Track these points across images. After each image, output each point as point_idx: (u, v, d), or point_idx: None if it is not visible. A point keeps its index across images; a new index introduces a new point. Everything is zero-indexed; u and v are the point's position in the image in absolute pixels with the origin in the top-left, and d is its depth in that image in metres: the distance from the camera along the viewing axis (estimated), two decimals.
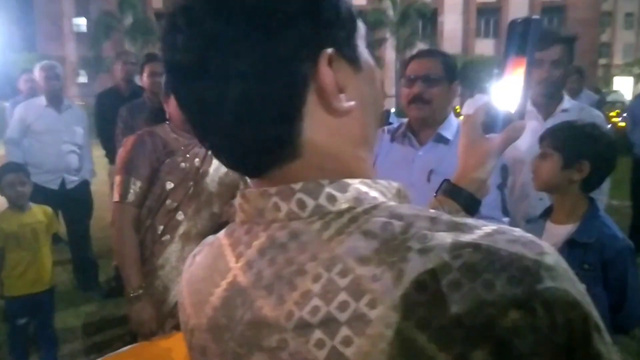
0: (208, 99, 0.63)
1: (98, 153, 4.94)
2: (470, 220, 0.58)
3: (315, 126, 0.65)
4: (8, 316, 3.30)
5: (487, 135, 0.98)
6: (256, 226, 0.67)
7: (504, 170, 2.31)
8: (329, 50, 0.64)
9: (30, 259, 3.25)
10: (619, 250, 1.92)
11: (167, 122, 2.44)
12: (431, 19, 30.53)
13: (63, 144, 4.60)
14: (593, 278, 1.91)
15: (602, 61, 47.39)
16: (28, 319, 3.30)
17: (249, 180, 0.72)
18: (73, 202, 4.64)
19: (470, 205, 1.02)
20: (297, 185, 0.64)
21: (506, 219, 2.24)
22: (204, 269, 0.74)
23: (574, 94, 6.04)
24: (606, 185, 2.50)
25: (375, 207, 0.64)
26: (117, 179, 2.34)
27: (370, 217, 0.62)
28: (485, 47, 32.10)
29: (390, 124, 2.84)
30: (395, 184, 0.74)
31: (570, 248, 1.95)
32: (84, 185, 4.82)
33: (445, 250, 0.53)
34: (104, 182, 5.32)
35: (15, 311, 3.26)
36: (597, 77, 36.92)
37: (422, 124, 2.31)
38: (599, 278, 1.92)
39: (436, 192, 1.05)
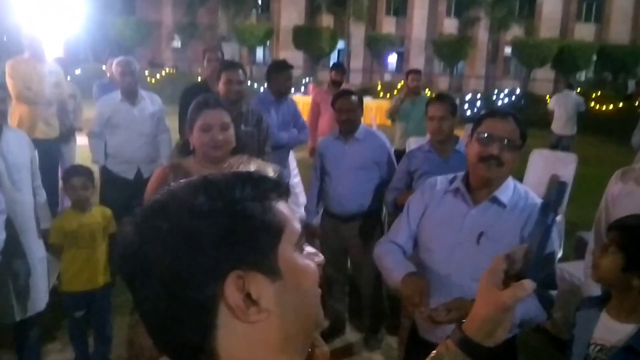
0: (141, 306, 0.75)
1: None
2: None
3: (230, 335, 0.71)
4: (66, 309, 3.52)
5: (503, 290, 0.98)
6: None
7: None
8: (236, 272, 0.70)
9: (86, 258, 3.43)
10: None
11: (193, 156, 2.51)
12: None
13: (138, 136, 4.82)
14: None
15: None
16: (85, 311, 3.51)
17: None
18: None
19: (477, 354, 1.01)
20: None
21: (554, 292, 2.14)
22: None
23: None
24: None
25: None
26: None
27: None
28: (585, 31, 30.44)
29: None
30: None
31: (626, 352, 1.84)
32: None
33: None
34: None
35: (72, 305, 3.48)
36: None
37: (482, 184, 2.24)
38: None
39: (447, 336, 1.06)
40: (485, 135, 2.15)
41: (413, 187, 3.55)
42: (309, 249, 0.84)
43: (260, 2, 32.85)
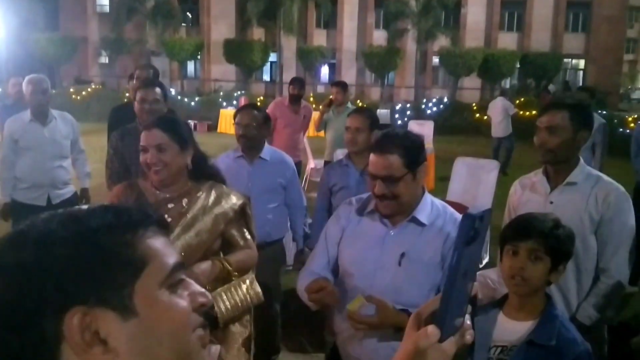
0: None
1: None
2: None
3: None
4: None
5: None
6: None
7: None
8: (80, 308, 0.66)
9: None
10: (578, 355, 1.86)
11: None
12: (454, 10, 30.05)
13: (48, 159, 4.58)
14: None
15: (629, 57, 46.51)
16: None
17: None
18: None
19: None
20: None
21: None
22: None
23: None
24: None
25: None
26: None
27: None
28: (508, 40, 31.58)
29: None
30: None
31: (528, 347, 1.89)
32: (73, 198, 4.78)
33: None
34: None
35: None
36: (622, 74, 36.22)
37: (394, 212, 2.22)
38: None
39: None
40: (370, 174, 2.16)
41: (332, 203, 3.51)
42: (195, 287, 0.77)
43: (190, 15, 32.51)
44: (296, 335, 4.36)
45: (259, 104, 14.55)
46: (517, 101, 20.29)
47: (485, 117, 17.12)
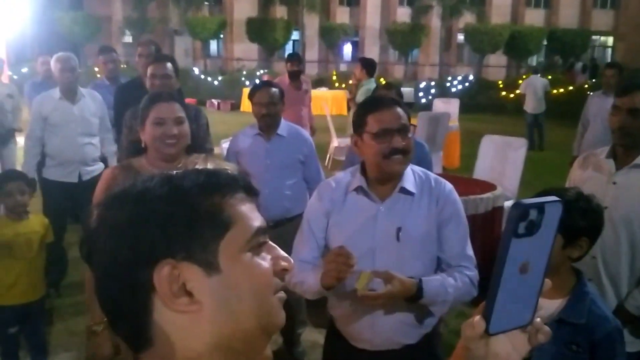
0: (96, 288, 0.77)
1: None
2: None
3: (164, 322, 0.73)
4: None
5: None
6: None
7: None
8: (170, 260, 0.71)
9: (22, 269, 3.23)
10: (609, 332, 1.84)
11: (145, 154, 2.43)
12: None
13: (78, 136, 4.62)
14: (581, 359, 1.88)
15: None
16: (19, 327, 3.32)
17: None
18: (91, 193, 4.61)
19: None
20: None
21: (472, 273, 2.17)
22: None
23: (610, 89, 5.90)
24: None
25: None
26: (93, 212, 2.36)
27: None
28: (535, 17, 30.98)
29: None
30: None
31: (558, 326, 1.86)
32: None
33: None
34: None
35: (5, 320, 3.27)
36: None
37: (388, 179, 2.14)
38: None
39: None
40: (381, 129, 2.06)
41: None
42: (278, 252, 0.82)
43: None
44: (321, 310, 4.36)
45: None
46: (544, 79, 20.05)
47: (512, 95, 16.86)
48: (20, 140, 6.26)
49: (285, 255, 0.82)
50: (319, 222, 2.25)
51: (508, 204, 4.82)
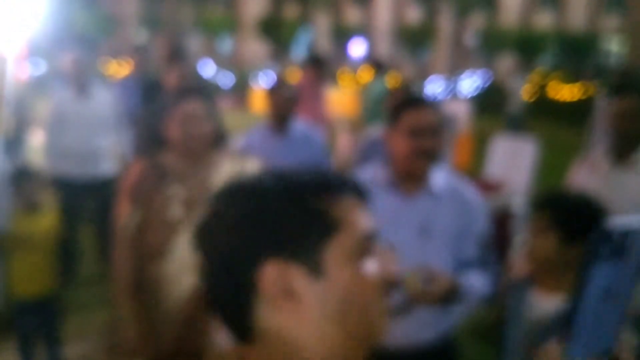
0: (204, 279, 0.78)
1: None
2: None
3: (269, 319, 0.72)
4: (15, 318, 3.34)
5: None
6: None
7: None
8: (277, 260, 0.70)
9: (37, 262, 3.27)
10: None
11: (168, 151, 2.42)
12: None
13: (93, 133, 4.68)
14: None
15: None
16: (34, 319, 3.34)
17: None
18: (106, 189, 4.59)
19: None
20: None
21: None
22: None
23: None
24: None
25: None
26: (122, 207, 2.37)
27: None
28: (544, 21, 30.81)
29: None
30: None
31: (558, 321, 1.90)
32: (118, 172, 4.82)
33: None
34: None
35: (21, 312, 3.32)
36: None
37: (414, 177, 2.14)
38: None
39: None
40: (415, 128, 2.06)
41: None
42: (386, 257, 0.80)
43: None
44: None
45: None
46: (554, 80, 19.90)
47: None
48: (33, 137, 6.38)
49: (394, 259, 0.80)
50: None
51: (517, 205, 4.85)
